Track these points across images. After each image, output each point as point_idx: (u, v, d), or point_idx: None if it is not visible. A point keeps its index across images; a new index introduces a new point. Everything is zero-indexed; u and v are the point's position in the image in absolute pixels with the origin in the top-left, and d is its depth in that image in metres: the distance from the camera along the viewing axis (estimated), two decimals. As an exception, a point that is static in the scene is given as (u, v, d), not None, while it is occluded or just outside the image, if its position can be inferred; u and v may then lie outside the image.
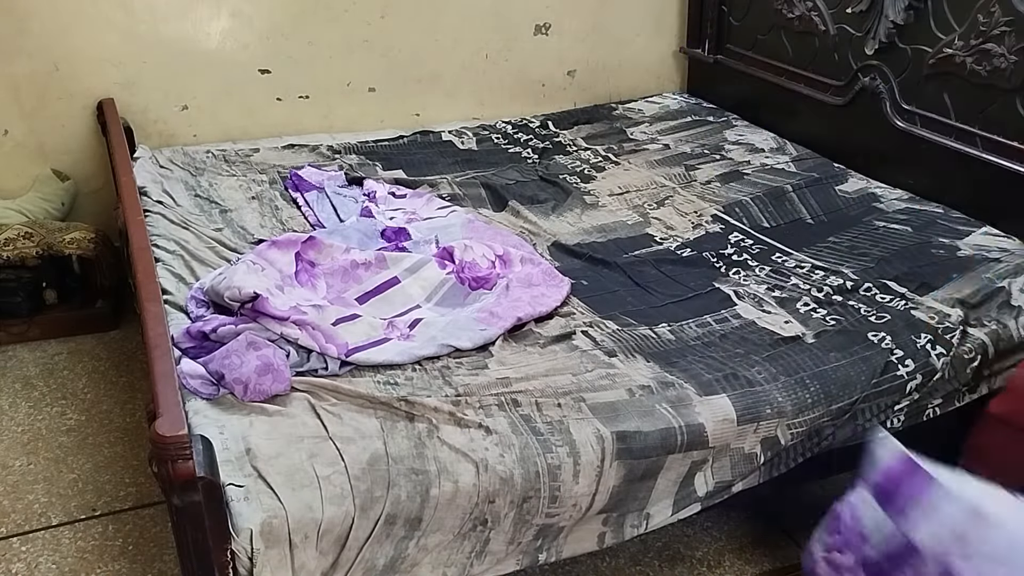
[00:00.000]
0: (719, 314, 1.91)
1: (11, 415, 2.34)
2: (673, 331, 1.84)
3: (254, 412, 1.51)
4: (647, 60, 3.35)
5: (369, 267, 1.93)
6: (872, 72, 2.54)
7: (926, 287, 1.99)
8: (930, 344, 1.80)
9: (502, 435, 1.50)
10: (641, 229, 2.31)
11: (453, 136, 2.92)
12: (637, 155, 2.78)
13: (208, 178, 2.47)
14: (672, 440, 1.56)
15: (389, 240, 2.14)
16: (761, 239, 2.24)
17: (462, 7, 3.00)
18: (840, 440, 1.74)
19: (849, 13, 2.57)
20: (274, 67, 2.84)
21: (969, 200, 2.31)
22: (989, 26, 2.16)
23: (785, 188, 2.48)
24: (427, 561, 1.47)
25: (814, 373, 1.72)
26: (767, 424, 1.64)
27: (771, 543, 2.01)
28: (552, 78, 3.23)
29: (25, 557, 1.92)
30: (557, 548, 1.57)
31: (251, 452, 1.42)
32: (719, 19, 3.14)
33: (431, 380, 1.63)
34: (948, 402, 1.85)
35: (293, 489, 1.37)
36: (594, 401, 1.60)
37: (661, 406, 1.60)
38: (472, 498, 1.44)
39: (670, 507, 1.62)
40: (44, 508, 2.04)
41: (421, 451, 1.46)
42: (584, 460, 1.50)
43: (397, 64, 2.98)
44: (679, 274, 2.07)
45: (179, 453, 1.21)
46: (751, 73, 3.01)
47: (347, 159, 2.68)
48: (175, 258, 2.01)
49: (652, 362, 1.72)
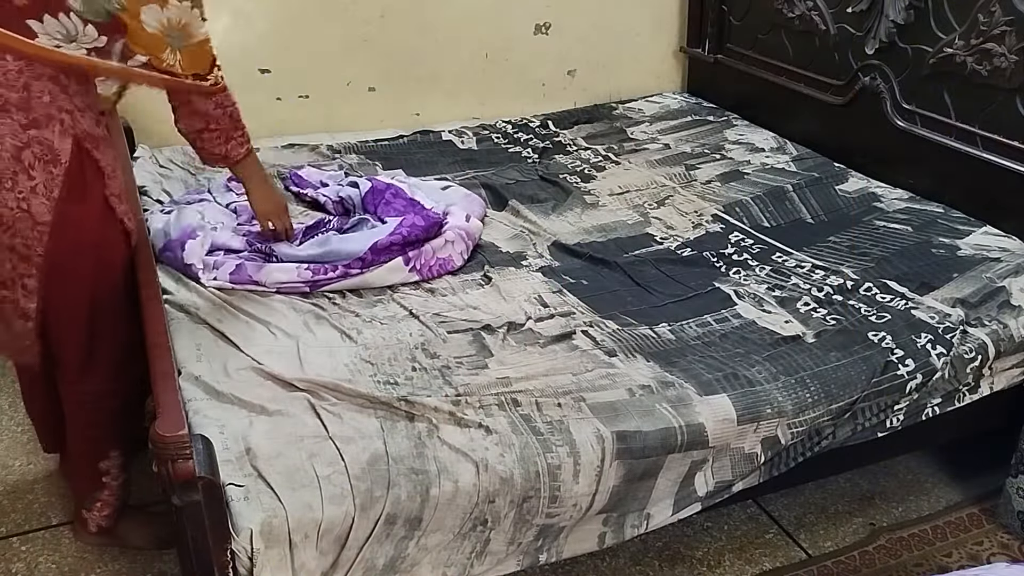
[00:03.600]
0: (719, 314, 1.90)
1: (11, 415, 2.34)
2: (673, 331, 1.84)
3: (254, 412, 1.51)
4: (647, 59, 3.35)
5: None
6: (872, 72, 2.54)
7: (926, 287, 1.99)
8: (930, 344, 1.80)
9: (502, 435, 1.50)
10: (641, 229, 2.31)
11: (453, 136, 2.92)
12: (638, 155, 2.78)
13: (208, 177, 2.47)
14: (672, 440, 1.56)
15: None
16: (761, 239, 2.24)
17: (462, 6, 2.99)
18: (840, 439, 1.74)
19: (850, 13, 2.57)
20: (274, 67, 2.84)
21: (969, 200, 2.31)
22: (990, 26, 2.16)
23: (785, 188, 2.48)
24: (427, 561, 1.46)
25: (814, 373, 1.72)
26: (767, 424, 1.64)
27: (771, 543, 2.01)
28: (552, 78, 3.23)
29: (25, 557, 1.92)
30: (558, 548, 1.57)
31: (251, 452, 1.42)
32: (720, 18, 3.14)
33: (431, 380, 1.63)
34: (948, 402, 1.85)
35: (293, 489, 1.37)
36: (594, 401, 1.60)
37: (661, 406, 1.60)
38: (472, 498, 1.44)
39: (670, 507, 1.62)
40: (44, 508, 2.04)
41: (421, 451, 1.46)
42: (584, 460, 1.50)
43: (397, 64, 2.98)
44: (679, 274, 2.07)
45: (179, 453, 1.21)
46: (751, 73, 3.01)
47: (347, 159, 2.68)
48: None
49: (652, 362, 1.72)
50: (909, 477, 2.23)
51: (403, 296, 1.92)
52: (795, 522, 2.08)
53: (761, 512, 2.09)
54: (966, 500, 2.15)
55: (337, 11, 2.85)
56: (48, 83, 1.51)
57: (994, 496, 2.09)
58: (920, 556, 1.98)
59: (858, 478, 2.20)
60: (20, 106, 1.48)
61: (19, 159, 1.49)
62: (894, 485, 2.20)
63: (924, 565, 1.95)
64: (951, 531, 2.05)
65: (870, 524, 2.07)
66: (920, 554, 1.98)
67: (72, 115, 1.54)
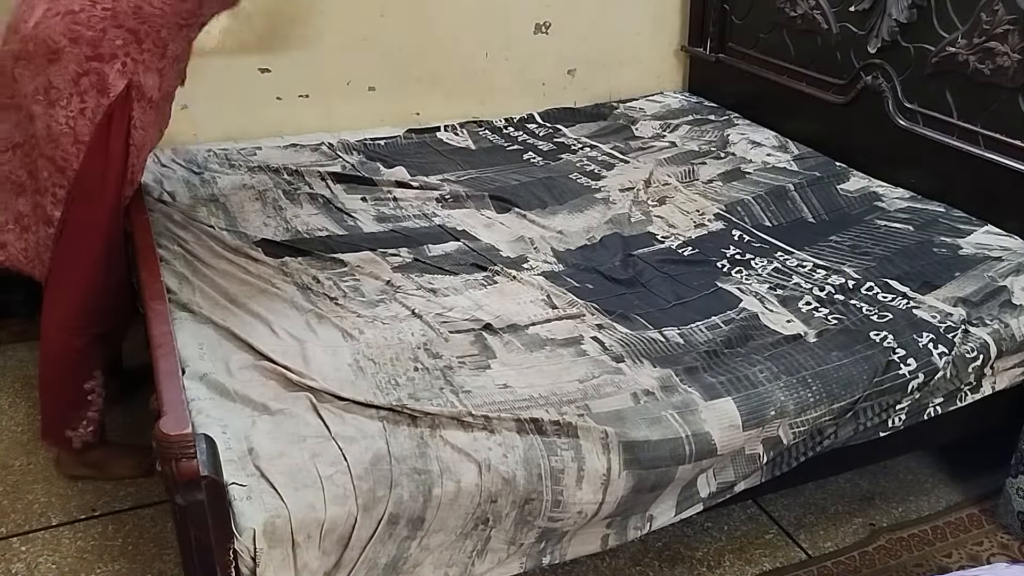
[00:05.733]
0: (725, 315, 1.89)
1: (11, 415, 2.34)
2: (681, 334, 1.82)
3: (257, 411, 1.51)
4: (648, 59, 3.34)
5: None
6: (874, 71, 2.54)
7: (928, 286, 1.99)
8: (932, 343, 1.80)
9: (506, 436, 1.50)
10: (643, 227, 2.30)
11: (453, 135, 2.91)
12: (640, 154, 2.78)
13: (210, 177, 2.47)
14: (681, 451, 1.55)
15: None
16: (763, 238, 2.24)
17: (462, 6, 2.99)
18: (842, 439, 1.74)
19: (852, 12, 2.57)
20: (274, 66, 2.84)
21: (971, 199, 2.31)
22: (992, 24, 2.16)
23: (787, 187, 2.47)
24: (429, 561, 1.46)
25: (816, 372, 1.71)
26: (770, 424, 1.64)
27: (771, 543, 2.01)
28: (552, 77, 3.22)
29: (25, 557, 1.91)
30: (561, 551, 1.57)
31: (254, 451, 1.41)
32: (721, 18, 3.14)
33: (433, 380, 1.63)
34: (950, 401, 1.86)
35: (296, 489, 1.36)
36: (599, 406, 1.58)
37: (667, 413, 1.59)
38: (474, 498, 1.44)
39: (673, 508, 1.62)
40: (44, 508, 2.04)
41: (424, 451, 1.46)
42: (588, 467, 1.49)
43: (397, 63, 2.97)
44: (682, 274, 2.07)
45: (183, 452, 1.21)
46: (753, 72, 3.01)
47: (347, 158, 2.68)
48: (177, 257, 2.01)
49: (657, 366, 1.71)
50: (909, 477, 2.23)
51: (405, 296, 1.92)
52: (795, 522, 2.08)
53: (761, 512, 2.09)
54: (966, 500, 2.15)
55: (337, 10, 2.84)
56: (124, 32, 1.75)
57: (994, 496, 2.09)
58: (920, 556, 1.98)
59: (858, 478, 2.20)
60: (91, 42, 1.73)
61: (77, 83, 1.75)
62: (894, 485, 2.20)
63: (924, 565, 1.95)
64: (951, 531, 2.05)
65: (870, 524, 2.07)
66: (920, 554, 1.98)
67: (136, 64, 1.78)
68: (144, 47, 1.78)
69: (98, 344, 1.99)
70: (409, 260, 2.08)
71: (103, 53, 1.74)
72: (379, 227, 2.26)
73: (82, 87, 1.75)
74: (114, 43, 1.74)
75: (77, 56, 1.73)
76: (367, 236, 2.20)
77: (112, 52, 1.74)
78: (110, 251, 1.92)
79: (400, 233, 2.23)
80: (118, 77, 1.77)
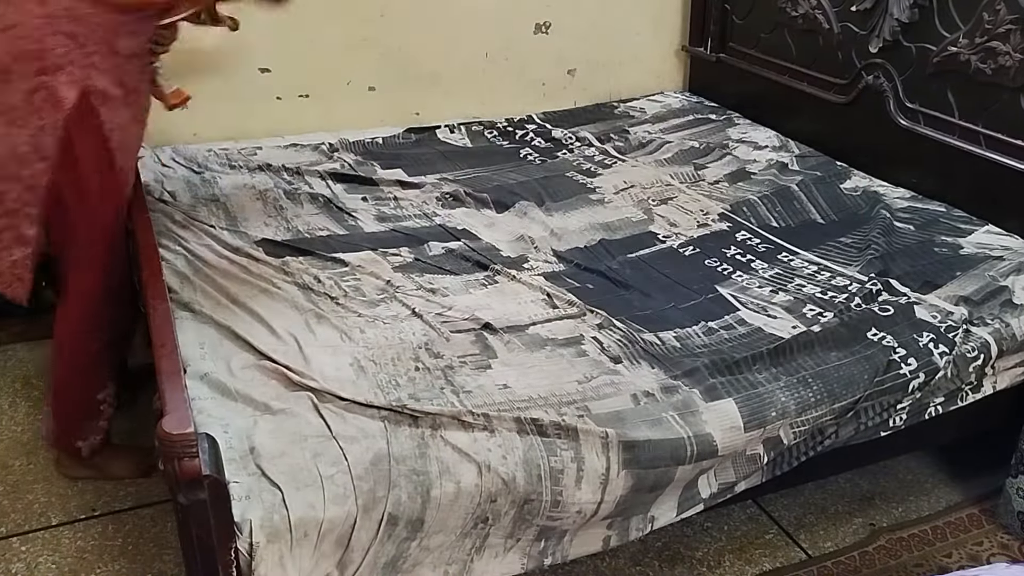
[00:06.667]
0: (723, 318, 1.89)
1: (11, 415, 2.34)
2: (678, 336, 1.82)
3: (258, 411, 1.51)
4: (648, 59, 3.34)
5: None
6: (876, 70, 2.54)
7: (929, 285, 1.99)
8: (932, 343, 1.80)
9: (506, 436, 1.50)
10: (645, 227, 2.30)
11: (453, 135, 2.91)
12: (641, 153, 2.78)
13: (210, 177, 2.47)
14: (681, 452, 1.54)
15: None
16: (768, 238, 2.24)
17: (462, 6, 2.99)
18: (842, 439, 1.74)
19: (853, 11, 2.57)
20: (274, 66, 2.83)
21: (972, 198, 2.31)
22: (994, 24, 2.16)
23: (790, 187, 2.47)
24: (429, 561, 1.46)
25: (816, 372, 1.71)
26: (771, 425, 1.63)
27: (771, 543, 2.01)
28: (552, 77, 3.22)
29: (25, 557, 1.91)
30: (563, 551, 1.56)
31: (255, 451, 1.41)
32: (722, 18, 3.14)
33: (434, 380, 1.63)
34: (950, 401, 1.86)
35: (297, 488, 1.36)
36: (599, 407, 1.58)
37: (668, 414, 1.58)
38: (474, 499, 1.44)
39: (674, 508, 1.62)
40: (44, 508, 2.04)
41: (424, 451, 1.45)
42: (588, 467, 1.49)
43: (397, 63, 2.97)
44: (683, 274, 2.06)
45: (185, 451, 1.21)
46: (754, 72, 3.01)
47: (347, 158, 2.67)
48: (178, 257, 2.00)
49: (656, 367, 1.71)
50: (909, 477, 2.23)
51: (406, 295, 1.92)
52: (795, 522, 2.07)
53: (761, 512, 2.09)
54: (966, 500, 2.15)
55: (337, 11, 2.84)
56: (63, 38, 1.68)
57: (994, 496, 2.09)
58: (920, 556, 1.98)
59: (858, 478, 2.20)
60: (35, 56, 1.67)
61: (31, 101, 1.69)
62: (894, 485, 2.20)
63: (924, 565, 1.95)
64: (951, 531, 2.05)
65: (870, 524, 2.07)
66: (920, 554, 1.98)
67: (86, 69, 1.71)
68: (88, 50, 1.71)
69: (109, 350, 2.01)
70: (410, 260, 2.08)
71: (47, 66, 1.68)
72: (380, 227, 2.26)
73: (36, 104, 1.69)
74: (56, 52, 1.68)
75: (24, 73, 1.67)
76: (368, 236, 2.20)
77: (56, 64, 1.68)
78: (112, 252, 1.92)
79: (401, 233, 2.23)
80: (68, 88, 1.70)
